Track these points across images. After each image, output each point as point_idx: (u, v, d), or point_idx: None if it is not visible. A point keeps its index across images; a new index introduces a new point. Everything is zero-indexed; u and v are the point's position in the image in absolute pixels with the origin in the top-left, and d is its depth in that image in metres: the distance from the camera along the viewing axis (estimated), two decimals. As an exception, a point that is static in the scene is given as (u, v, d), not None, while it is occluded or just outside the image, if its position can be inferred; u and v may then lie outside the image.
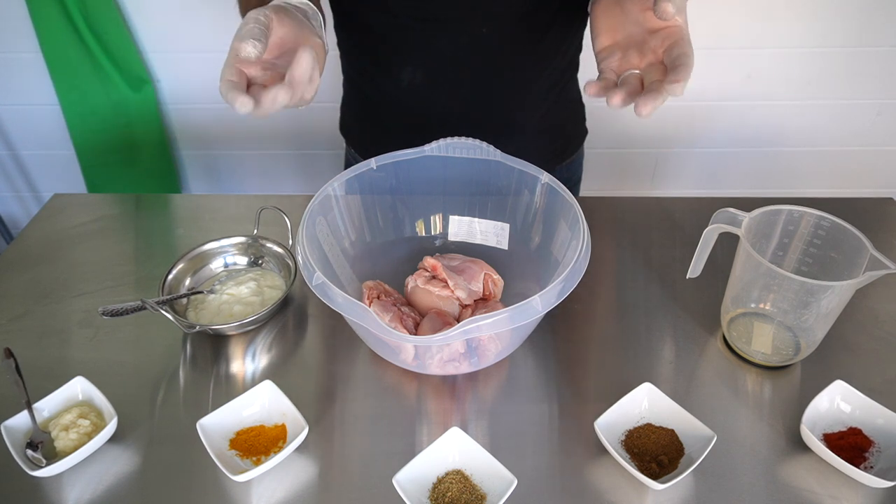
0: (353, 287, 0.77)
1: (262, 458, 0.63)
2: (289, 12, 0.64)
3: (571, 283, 0.61)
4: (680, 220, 0.96)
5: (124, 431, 0.67)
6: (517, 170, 0.76)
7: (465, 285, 0.74)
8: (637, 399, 0.67)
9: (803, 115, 1.62)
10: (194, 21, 1.48)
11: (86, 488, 0.62)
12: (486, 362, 0.70)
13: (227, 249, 0.86)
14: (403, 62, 0.89)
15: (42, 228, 0.96)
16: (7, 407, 0.66)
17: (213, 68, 1.81)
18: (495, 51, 0.87)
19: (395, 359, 0.69)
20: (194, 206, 1.03)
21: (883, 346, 0.76)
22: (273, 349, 0.77)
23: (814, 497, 0.61)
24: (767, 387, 0.72)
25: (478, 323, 0.56)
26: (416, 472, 0.61)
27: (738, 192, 1.79)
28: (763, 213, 0.72)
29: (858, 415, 0.66)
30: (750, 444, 0.66)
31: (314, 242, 0.71)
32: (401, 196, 0.83)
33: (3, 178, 1.79)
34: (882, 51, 1.50)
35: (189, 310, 0.80)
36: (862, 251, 0.67)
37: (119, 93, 1.53)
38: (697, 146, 1.68)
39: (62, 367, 0.74)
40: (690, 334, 0.78)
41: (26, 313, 0.82)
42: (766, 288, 0.73)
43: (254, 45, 0.56)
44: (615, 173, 1.74)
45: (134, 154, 1.63)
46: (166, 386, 0.72)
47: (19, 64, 1.55)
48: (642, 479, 0.60)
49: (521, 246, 0.81)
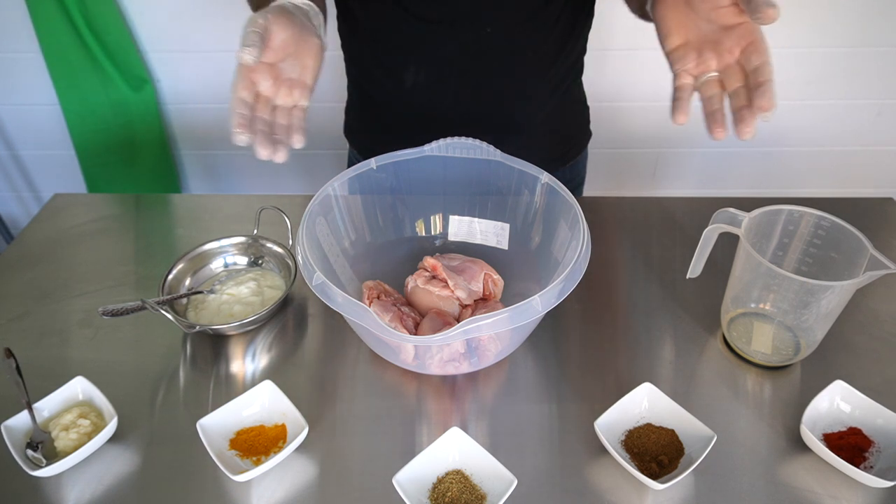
0: (353, 287, 0.77)
1: (262, 458, 0.63)
2: (290, 13, 0.65)
3: (571, 283, 0.61)
4: (680, 220, 0.96)
5: (124, 431, 0.67)
6: (517, 170, 0.76)
7: (465, 285, 0.74)
8: (637, 399, 0.67)
9: (803, 115, 1.62)
10: (194, 21, 1.48)
11: (86, 488, 0.62)
12: (486, 362, 0.70)
13: (227, 249, 0.86)
14: (407, 62, 0.89)
15: (42, 228, 0.96)
16: (7, 407, 0.66)
17: (213, 68, 1.81)
18: (499, 52, 0.87)
19: (395, 359, 0.69)
20: (194, 206, 1.03)
21: (883, 346, 0.76)
22: (273, 349, 0.77)
23: (814, 497, 0.61)
24: (767, 387, 0.72)
25: (478, 323, 0.56)
26: (416, 472, 0.61)
27: (738, 192, 1.79)
28: (763, 213, 0.72)
29: (858, 415, 0.66)
30: (750, 444, 0.66)
31: (314, 242, 0.71)
32: (401, 196, 0.83)
33: (3, 178, 1.79)
34: (882, 51, 1.50)
35: (189, 310, 0.80)
36: (862, 251, 0.67)
37: (119, 93, 1.53)
38: (698, 146, 1.68)
39: (62, 367, 0.74)
40: (690, 334, 0.78)
41: (26, 313, 0.82)
42: (766, 288, 0.73)
43: (249, 53, 0.59)
44: (616, 173, 1.74)
45: (134, 154, 1.63)
46: (166, 386, 0.72)
47: (19, 64, 1.55)
48: (642, 479, 0.60)
49: (521, 246, 0.81)
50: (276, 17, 0.63)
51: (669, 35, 0.64)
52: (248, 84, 0.63)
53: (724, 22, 0.61)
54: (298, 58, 0.66)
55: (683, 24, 0.63)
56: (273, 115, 0.64)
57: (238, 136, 0.61)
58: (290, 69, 0.66)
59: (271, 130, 0.63)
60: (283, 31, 0.63)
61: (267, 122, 0.63)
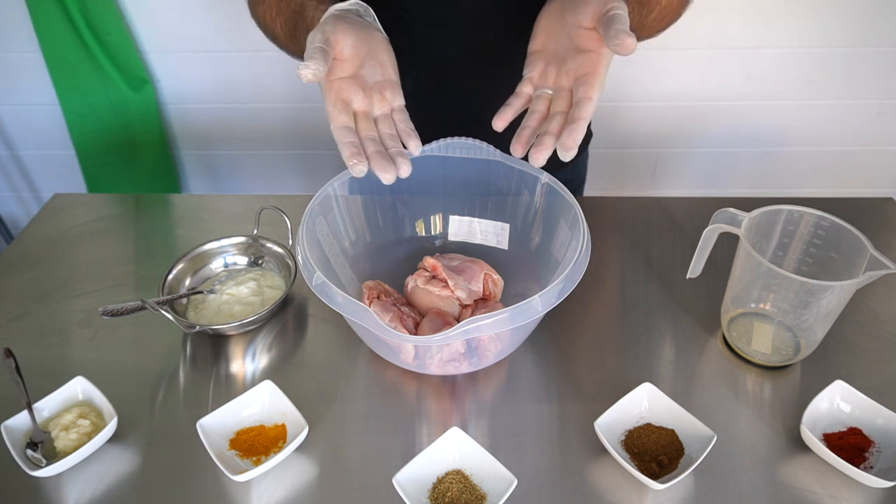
0: (353, 287, 0.77)
1: (262, 458, 0.63)
2: (345, 18, 0.63)
3: (571, 283, 0.61)
4: (680, 220, 0.96)
5: (124, 431, 0.67)
6: (517, 170, 0.76)
7: (465, 285, 0.74)
8: (637, 399, 0.67)
9: (803, 115, 1.62)
10: (194, 21, 1.47)
11: (86, 488, 0.62)
12: (486, 362, 0.70)
13: (227, 249, 0.86)
14: (408, 64, 0.89)
15: (42, 228, 0.96)
16: (7, 407, 0.66)
17: (214, 68, 1.81)
18: (501, 54, 0.86)
19: (395, 359, 0.69)
20: (194, 206, 1.03)
21: (883, 346, 0.76)
22: (273, 349, 0.77)
23: (814, 497, 0.61)
24: (767, 387, 0.72)
25: (478, 323, 0.56)
26: (416, 472, 0.61)
27: (738, 192, 1.79)
28: (763, 213, 0.72)
29: (858, 415, 0.66)
30: (750, 444, 0.66)
31: (314, 242, 0.71)
32: (401, 196, 0.83)
33: (3, 178, 1.79)
34: (882, 51, 1.49)
35: (189, 310, 0.80)
36: (862, 251, 0.67)
37: (119, 93, 1.53)
38: (698, 146, 1.68)
39: (62, 367, 0.74)
40: (690, 334, 0.78)
41: (26, 313, 0.82)
42: (766, 288, 0.73)
43: (307, 67, 0.56)
44: (615, 173, 1.74)
45: (134, 154, 1.63)
46: (166, 386, 0.72)
47: (19, 64, 1.55)
48: (642, 479, 0.60)
49: (521, 246, 0.81)
50: (335, 26, 0.61)
51: (535, 37, 0.66)
52: (341, 105, 0.61)
53: (580, 44, 0.61)
54: (373, 57, 0.64)
55: (550, 31, 0.64)
56: (378, 129, 0.63)
57: (355, 167, 0.59)
58: (371, 73, 0.64)
59: (384, 145, 0.62)
60: (346, 36, 0.61)
61: (375, 139, 0.62)
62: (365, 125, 0.63)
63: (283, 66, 1.49)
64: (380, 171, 0.60)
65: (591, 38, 0.60)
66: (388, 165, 0.60)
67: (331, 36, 0.60)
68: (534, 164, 0.58)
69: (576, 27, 0.61)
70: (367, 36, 0.64)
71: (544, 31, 0.65)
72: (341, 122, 0.61)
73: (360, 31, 0.63)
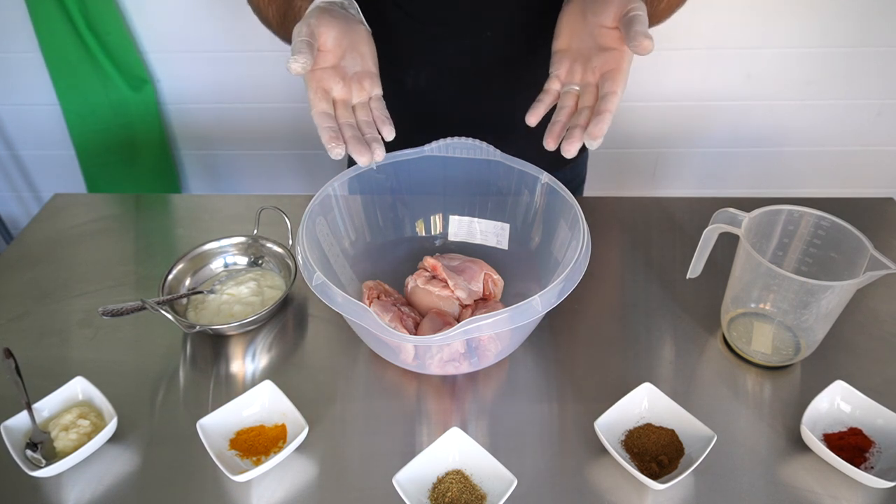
0: (353, 287, 0.77)
1: (262, 458, 0.63)
2: (329, 11, 0.67)
3: (571, 283, 0.61)
4: (680, 220, 0.96)
5: (124, 431, 0.67)
6: (517, 170, 0.76)
7: (465, 285, 0.74)
8: (637, 399, 0.67)
9: (803, 115, 1.61)
10: (194, 21, 1.47)
11: (86, 488, 0.62)
12: (486, 362, 0.70)
13: (227, 249, 0.86)
14: (407, 65, 0.89)
15: (42, 228, 0.96)
16: (7, 407, 0.66)
17: (213, 68, 1.81)
18: (499, 54, 0.87)
19: (395, 359, 0.69)
20: (194, 206, 1.03)
21: (883, 346, 0.76)
22: (273, 349, 0.77)
23: (814, 497, 0.61)
24: (767, 387, 0.72)
25: (478, 323, 0.56)
26: (416, 472, 0.61)
27: (738, 192, 1.79)
28: (763, 213, 0.72)
29: (858, 415, 0.66)
30: (750, 444, 0.66)
31: (314, 242, 0.71)
32: (401, 196, 0.83)
33: (3, 178, 1.79)
34: (882, 51, 1.49)
35: (189, 310, 0.80)
36: (862, 251, 0.67)
37: (119, 93, 1.53)
38: (698, 146, 1.68)
39: (62, 367, 0.74)
40: (690, 334, 0.78)
41: (26, 313, 0.82)
42: (766, 288, 0.73)
43: (296, 61, 0.60)
44: (616, 173, 1.74)
45: (134, 154, 1.63)
46: (166, 386, 0.72)
47: (19, 64, 1.54)
48: (642, 479, 0.60)
49: (521, 246, 0.81)
50: (319, 19, 0.64)
51: (559, 36, 0.69)
52: (322, 94, 0.64)
53: (603, 42, 0.64)
54: (354, 49, 0.67)
55: (573, 30, 0.67)
56: (355, 116, 0.66)
57: (333, 150, 0.62)
58: (351, 64, 0.67)
59: (360, 132, 0.65)
60: (330, 29, 0.64)
61: (353, 125, 0.65)
62: (343, 112, 0.66)
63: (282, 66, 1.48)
64: (356, 154, 0.63)
65: (613, 36, 0.63)
66: (364, 149, 0.63)
67: (315, 29, 0.63)
68: (566, 155, 0.61)
69: (598, 27, 0.64)
70: (349, 29, 0.67)
71: (567, 30, 0.68)
72: (321, 109, 0.64)
73: (343, 24, 0.66)
